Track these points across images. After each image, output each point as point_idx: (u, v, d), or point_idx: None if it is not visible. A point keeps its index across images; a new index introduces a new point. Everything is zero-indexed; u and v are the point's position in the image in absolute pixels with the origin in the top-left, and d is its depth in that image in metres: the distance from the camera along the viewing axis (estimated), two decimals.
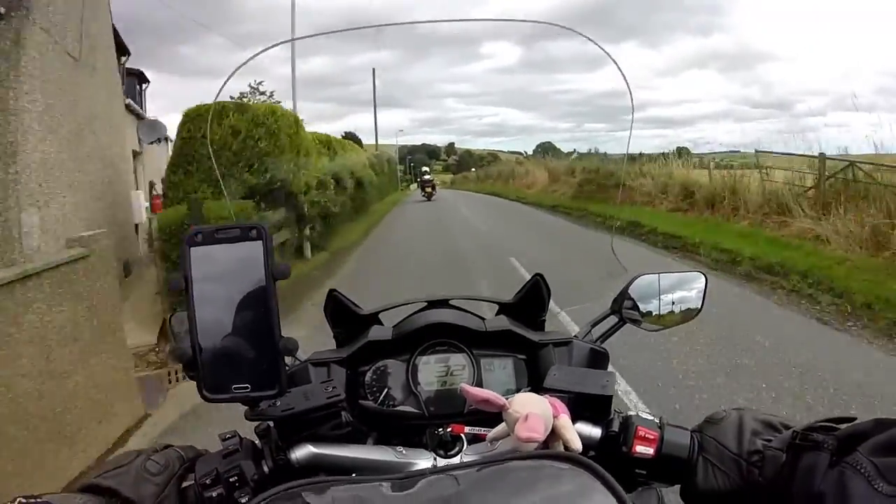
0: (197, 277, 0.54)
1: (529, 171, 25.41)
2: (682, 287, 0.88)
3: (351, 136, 19.65)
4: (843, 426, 0.52)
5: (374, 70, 37.57)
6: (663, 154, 14.02)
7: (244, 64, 0.81)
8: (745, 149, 12.84)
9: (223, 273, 0.54)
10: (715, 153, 14.14)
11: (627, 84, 0.78)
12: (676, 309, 0.88)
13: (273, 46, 0.88)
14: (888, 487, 0.43)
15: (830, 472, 0.48)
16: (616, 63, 0.78)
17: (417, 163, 74.00)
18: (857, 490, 0.45)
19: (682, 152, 14.15)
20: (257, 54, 0.86)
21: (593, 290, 4.03)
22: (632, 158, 13.56)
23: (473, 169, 60.06)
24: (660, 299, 0.88)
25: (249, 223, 0.55)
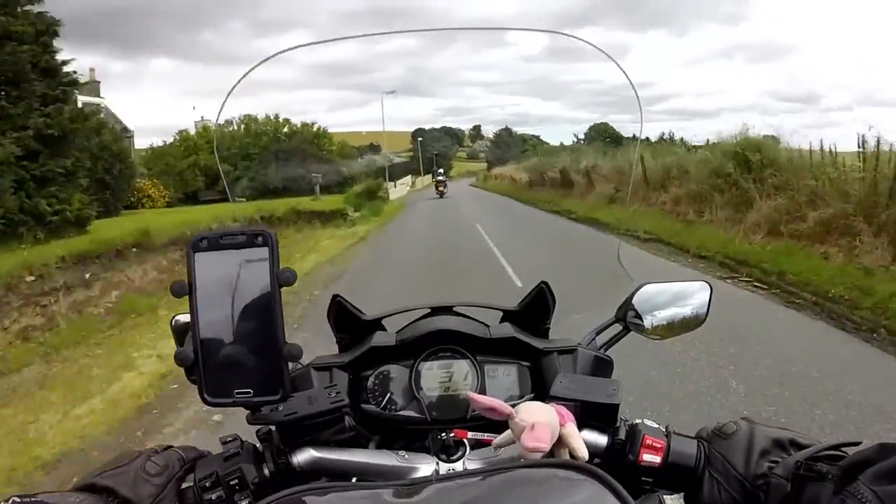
0: (201, 283, 0.54)
1: None
2: (687, 297, 0.88)
3: None
4: (849, 451, 0.51)
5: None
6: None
7: (251, 70, 0.81)
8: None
9: (228, 279, 0.54)
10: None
11: (634, 89, 0.77)
12: (681, 318, 0.88)
13: (284, 52, 0.88)
14: None
15: (833, 502, 0.47)
16: (622, 69, 0.77)
17: (437, 150, 61.60)
18: None
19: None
20: (262, 62, 0.86)
21: None
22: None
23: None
24: (664, 308, 0.87)
25: (256, 229, 0.54)
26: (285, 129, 33.76)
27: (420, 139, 59.83)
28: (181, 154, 28.48)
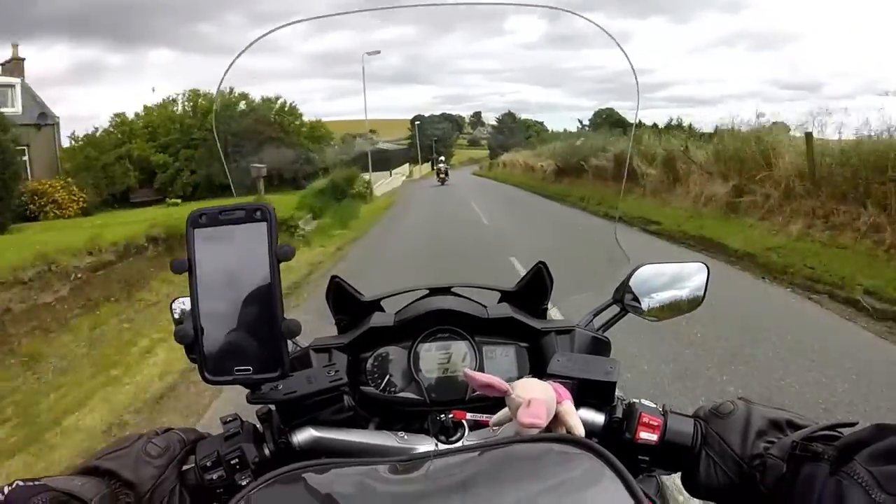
0: (200, 259, 0.54)
1: None
2: (685, 278, 0.88)
3: None
4: (846, 431, 0.51)
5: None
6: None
7: (244, 51, 0.79)
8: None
9: (227, 254, 0.54)
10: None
11: (634, 71, 0.77)
12: (678, 299, 0.87)
13: (278, 29, 0.86)
14: (885, 497, 0.43)
15: (829, 482, 0.47)
16: (623, 50, 0.77)
17: (436, 137, 56.27)
18: (854, 501, 0.44)
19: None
20: (261, 36, 0.84)
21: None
22: None
23: None
24: (662, 290, 0.87)
25: (254, 204, 0.54)
26: (241, 106, 24.06)
27: (418, 123, 54.55)
28: (111, 144, 21.05)
